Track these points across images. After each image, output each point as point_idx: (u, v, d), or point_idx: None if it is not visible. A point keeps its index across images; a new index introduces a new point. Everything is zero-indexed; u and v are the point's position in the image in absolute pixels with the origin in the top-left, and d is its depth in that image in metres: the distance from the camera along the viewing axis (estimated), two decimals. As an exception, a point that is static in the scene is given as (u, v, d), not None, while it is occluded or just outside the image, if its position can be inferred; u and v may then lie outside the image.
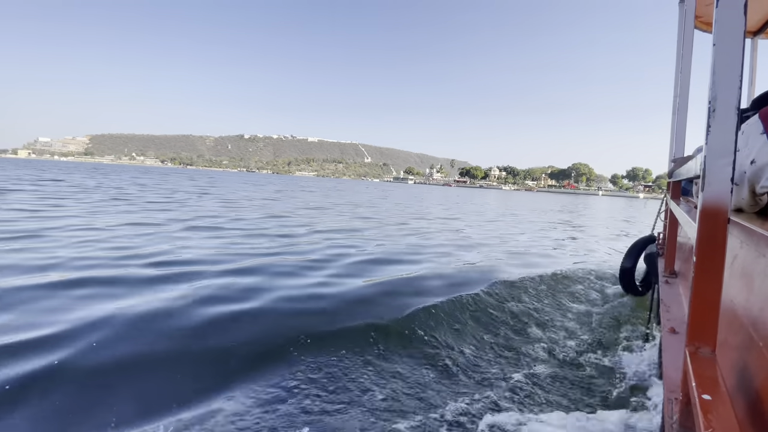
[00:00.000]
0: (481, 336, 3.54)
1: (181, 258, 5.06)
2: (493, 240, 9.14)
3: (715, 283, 0.82)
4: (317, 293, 3.99)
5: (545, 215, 19.71)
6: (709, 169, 0.82)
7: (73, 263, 4.46)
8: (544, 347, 3.38)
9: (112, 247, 5.42)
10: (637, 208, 37.95)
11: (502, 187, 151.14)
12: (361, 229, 9.45)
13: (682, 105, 3.03)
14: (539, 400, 2.55)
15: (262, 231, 7.95)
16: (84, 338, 2.70)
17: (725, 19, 0.79)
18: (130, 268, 4.44)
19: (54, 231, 6.35)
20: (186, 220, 8.74)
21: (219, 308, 3.38)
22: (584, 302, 4.75)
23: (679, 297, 2.12)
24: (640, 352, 3.18)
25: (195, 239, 6.56)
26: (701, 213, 0.83)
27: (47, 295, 3.44)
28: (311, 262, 5.39)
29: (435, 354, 3.09)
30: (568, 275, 5.64)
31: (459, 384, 2.70)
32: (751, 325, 0.90)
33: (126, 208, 10.30)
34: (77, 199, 12.02)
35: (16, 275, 3.90)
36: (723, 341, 0.96)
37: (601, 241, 10.97)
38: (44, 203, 10.24)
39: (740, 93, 0.79)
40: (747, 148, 1.31)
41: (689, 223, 1.24)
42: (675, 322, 1.70)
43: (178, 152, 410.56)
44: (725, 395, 0.72)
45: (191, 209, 11.26)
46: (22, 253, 4.75)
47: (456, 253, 6.90)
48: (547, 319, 4.06)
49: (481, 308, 4.05)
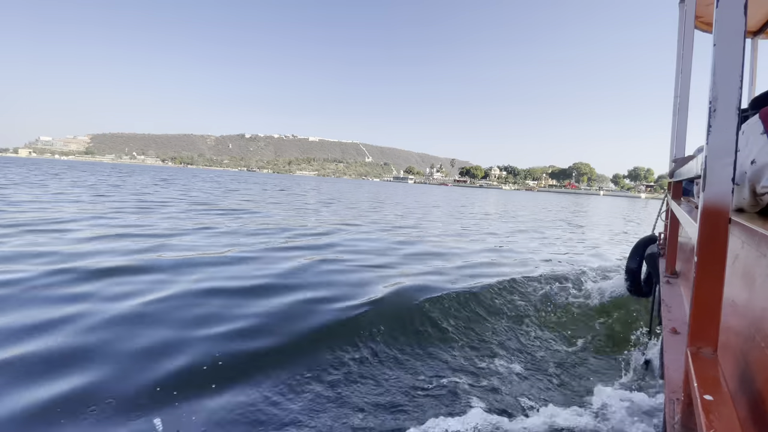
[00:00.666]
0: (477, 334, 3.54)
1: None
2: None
3: (717, 283, 0.82)
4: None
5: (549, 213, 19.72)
6: (709, 169, 0.82)
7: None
8: (544, 346, 3.38)
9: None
10: (644, 208, 37.49)
11: (502, 187, 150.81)
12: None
13: (682, 105, 3.03)
14: (537, 398, 2.55)
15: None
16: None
17: (725, 19, 0.79)
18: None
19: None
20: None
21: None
22: (584, 303, 4.74)
23: (680, 297, 2.12)
24: (641, 353, 3.17)
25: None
26: (702, 213, 0.83)
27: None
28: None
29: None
30: (565, 275, 5.64)
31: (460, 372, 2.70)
32: (753, 325, 0.89)
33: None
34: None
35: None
36: (724, 342, 0.95)
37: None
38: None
39: (741, 93, 0.79)
40: (747, 148, 1.31)
41: (690, 223, 1.24)
42: (676, 323, 1.69)
43: (179, 152, 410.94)
44: (727, 396, 0.72)
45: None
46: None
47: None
48: (548, 320, 4.06)
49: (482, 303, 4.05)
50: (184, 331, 3.00)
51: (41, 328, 2.85)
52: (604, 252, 8.85)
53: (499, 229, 11.83)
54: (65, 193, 13.20)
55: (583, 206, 34.07)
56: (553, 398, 2.61)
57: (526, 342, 3.53)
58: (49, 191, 13.53)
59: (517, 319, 4.00)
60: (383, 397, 2.47)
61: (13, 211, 8.36)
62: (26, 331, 2.80)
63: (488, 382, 2.75)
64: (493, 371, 2.93)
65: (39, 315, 3.07)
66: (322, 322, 3.33)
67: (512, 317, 4.05)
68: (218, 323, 3.16)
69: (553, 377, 2.91)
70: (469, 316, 3.89)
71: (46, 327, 2.88)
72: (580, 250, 8.91)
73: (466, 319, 3.82)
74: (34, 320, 2.97)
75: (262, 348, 2.88)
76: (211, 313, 3.35)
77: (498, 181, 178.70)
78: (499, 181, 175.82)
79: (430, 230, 10.27)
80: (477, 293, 4.32)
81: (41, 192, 13.10)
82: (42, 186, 15.94)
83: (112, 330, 2.92)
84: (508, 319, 4.00)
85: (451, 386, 2.64)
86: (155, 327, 3.01)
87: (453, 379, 2.73)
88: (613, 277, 5.60)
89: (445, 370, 2.88)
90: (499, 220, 15.51)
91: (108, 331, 2.90)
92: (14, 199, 10.54)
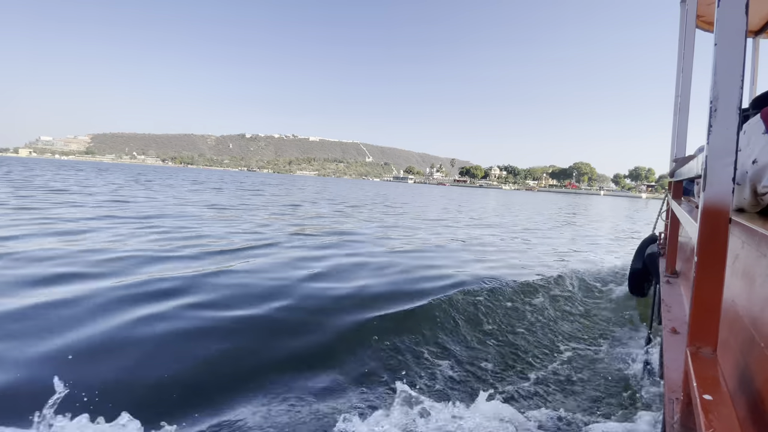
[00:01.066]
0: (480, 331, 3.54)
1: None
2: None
3: (717, 283, 0.82)
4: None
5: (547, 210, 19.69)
6: (710, 168, 0.82)
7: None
8: (546, 347, 3.38)
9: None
10: (645, 208, 36.46)
11: (502, 187, 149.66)
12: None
13: (683, 105, 3.02)
14: (538, 399, 2.55)
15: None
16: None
17: (726, 18, 0.79)
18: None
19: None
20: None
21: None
22: (585, 303, 4.75)
23: (680, 297, 2.12)
24: (641, 352, 3.17)
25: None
26: (702, 213, 0.83)
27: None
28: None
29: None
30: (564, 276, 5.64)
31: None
32: (753, 325, 0.89)
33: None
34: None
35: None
36: (724, 341, 0.96)
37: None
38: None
39: (742, 93, 0.79)
40: (749, 148, 1.31)
41: (690, 223, 1.24)
42: (676, 323, 1.70)
43: (180, 151, 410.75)
44: (726, 396, 0.72)
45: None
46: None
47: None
48: (549, 321, 4.06)
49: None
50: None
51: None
52: (604, 250, 8.86)
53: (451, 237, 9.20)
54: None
55: (580, 206, 33.86)
56: (550, 399, 2.62)
57: (526, 342, 3.53)
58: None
59: (513, 319, 4.01)
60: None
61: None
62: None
63: (484, 377, 2.75)
64: (486, 369, 2.93)
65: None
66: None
67: (508, 318, 4.05)
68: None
69: (552, 377, 2.91)
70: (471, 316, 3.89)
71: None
72: (582, 247, 8.91)
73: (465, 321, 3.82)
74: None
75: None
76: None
77: (498, 180, 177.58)
78: (499, 181, 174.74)
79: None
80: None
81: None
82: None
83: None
84: (502, 320, 4.00)
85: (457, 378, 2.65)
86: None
87: (455, 373, 2.74)
88: (613, 277, 5.60)
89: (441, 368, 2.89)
90: (468, 226, 11.95)
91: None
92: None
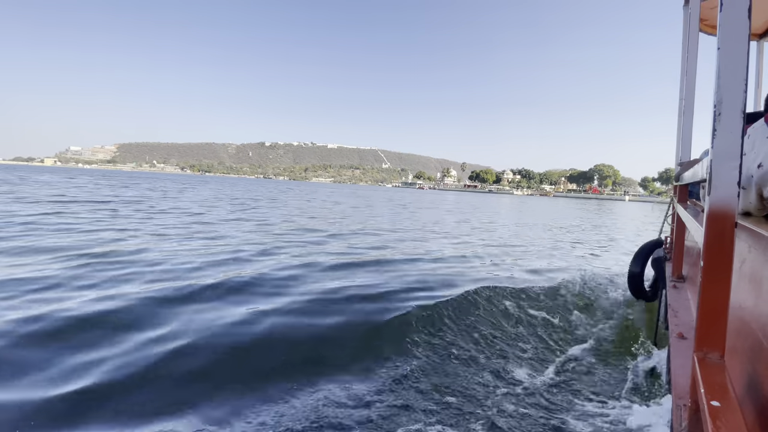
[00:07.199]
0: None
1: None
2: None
3: (723, 287, 0.82)
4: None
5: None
6: (715, 172, 0.82)
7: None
8: (549, 351, 3.35)
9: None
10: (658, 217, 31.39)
11: (513, 192, 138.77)
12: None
13: (688, 108, 3.01)
14: (544, 405, 2.52)
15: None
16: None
17: (729, 22, 0.79)
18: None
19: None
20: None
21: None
22: (591, 307, 4.71)
23: (687, 302, 2.10)
24: (648, 358, 3.14)
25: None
26: (708, 217, 0.82)
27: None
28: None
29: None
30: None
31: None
32: (760, 330, 0.89)
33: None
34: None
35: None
36: (731, 347, 0.94)
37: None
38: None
39: (745, 96, 0.79)
40: (753, 152, 1.30)
41: (696, 227, 1.23)
42: (683, 328, 1.68)
43: (200, 160, 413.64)
44: (734, 401, 0.71)
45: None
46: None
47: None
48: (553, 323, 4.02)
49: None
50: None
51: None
52: (608, 256, 8.78)
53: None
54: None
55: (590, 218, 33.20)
56: (557, 403, 2.59)
57: (530, 345, 3.51)
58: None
59: (517, 324, 3.98)
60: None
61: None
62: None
63: (494, 385, 2.73)
64: (499, 376, 2.91)
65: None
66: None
67: (515, 323, 4.02)
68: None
69: (557, 382, 2.89)
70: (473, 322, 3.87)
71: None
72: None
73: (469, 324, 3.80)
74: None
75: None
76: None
77: (510, 185, 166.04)
78: (512, 186, 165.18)
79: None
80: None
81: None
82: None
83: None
84: (510, 325, 3.97)
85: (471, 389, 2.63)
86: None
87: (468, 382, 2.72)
88: (620, 282, 5.56)
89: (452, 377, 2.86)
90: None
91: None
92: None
